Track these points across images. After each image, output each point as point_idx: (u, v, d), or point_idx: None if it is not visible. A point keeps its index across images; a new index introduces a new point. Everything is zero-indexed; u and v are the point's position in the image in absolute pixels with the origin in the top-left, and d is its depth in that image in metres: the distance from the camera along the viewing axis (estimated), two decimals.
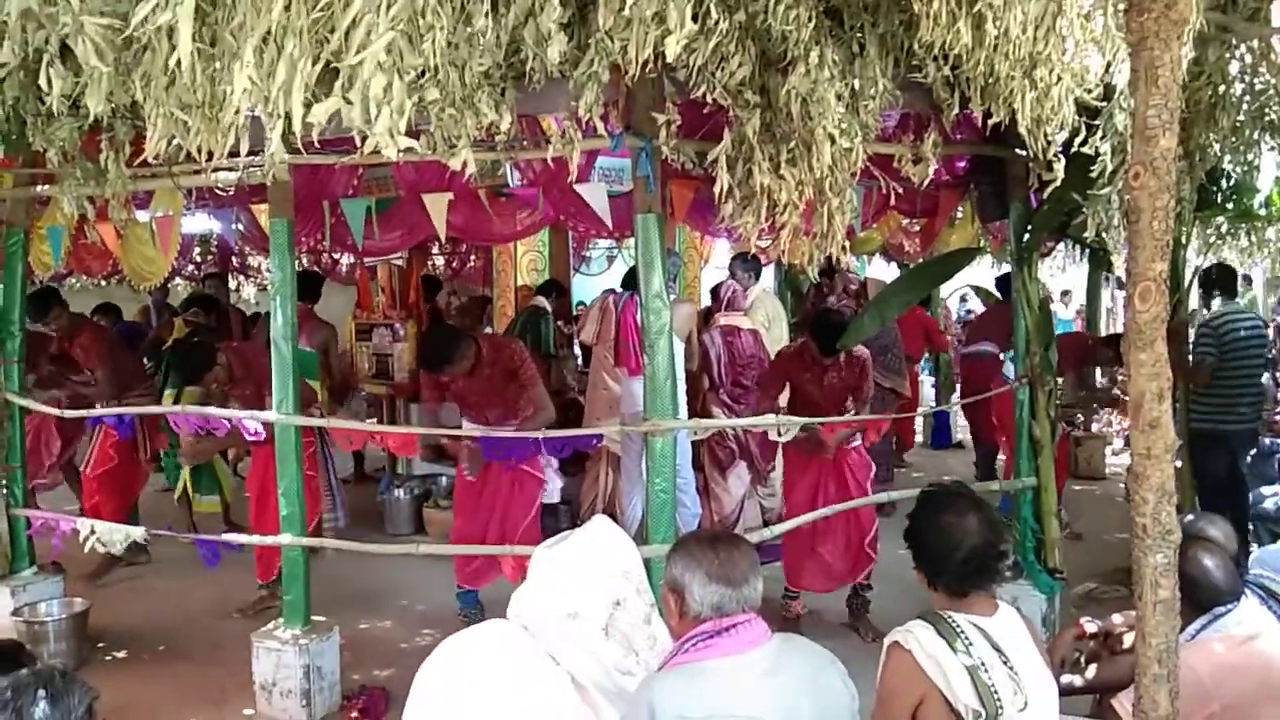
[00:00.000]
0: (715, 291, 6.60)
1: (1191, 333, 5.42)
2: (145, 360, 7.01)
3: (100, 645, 4.88)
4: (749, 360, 5.95)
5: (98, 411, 5.07)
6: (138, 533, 4.46)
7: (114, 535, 4.32)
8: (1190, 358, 5.28)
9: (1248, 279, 8.71)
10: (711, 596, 1.96)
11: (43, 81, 2.52)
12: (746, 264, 6.55)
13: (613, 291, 6.17)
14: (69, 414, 4.99)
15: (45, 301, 5.78)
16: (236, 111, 2.20)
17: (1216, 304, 5.49)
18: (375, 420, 7.43)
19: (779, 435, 5.03)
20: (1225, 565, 2.65)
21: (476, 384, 4.67)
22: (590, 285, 9.12)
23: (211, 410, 4.49)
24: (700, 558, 2.00)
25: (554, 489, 5.74)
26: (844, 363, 4.83)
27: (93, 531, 4.31)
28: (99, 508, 5.56)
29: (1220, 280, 5.48)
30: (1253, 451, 5.66)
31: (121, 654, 4.83)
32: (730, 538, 2.10)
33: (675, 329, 4.74)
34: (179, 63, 2.11)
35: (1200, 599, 2.59)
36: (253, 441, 4.75)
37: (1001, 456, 7.17)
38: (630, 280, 6.13)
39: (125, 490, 5.94)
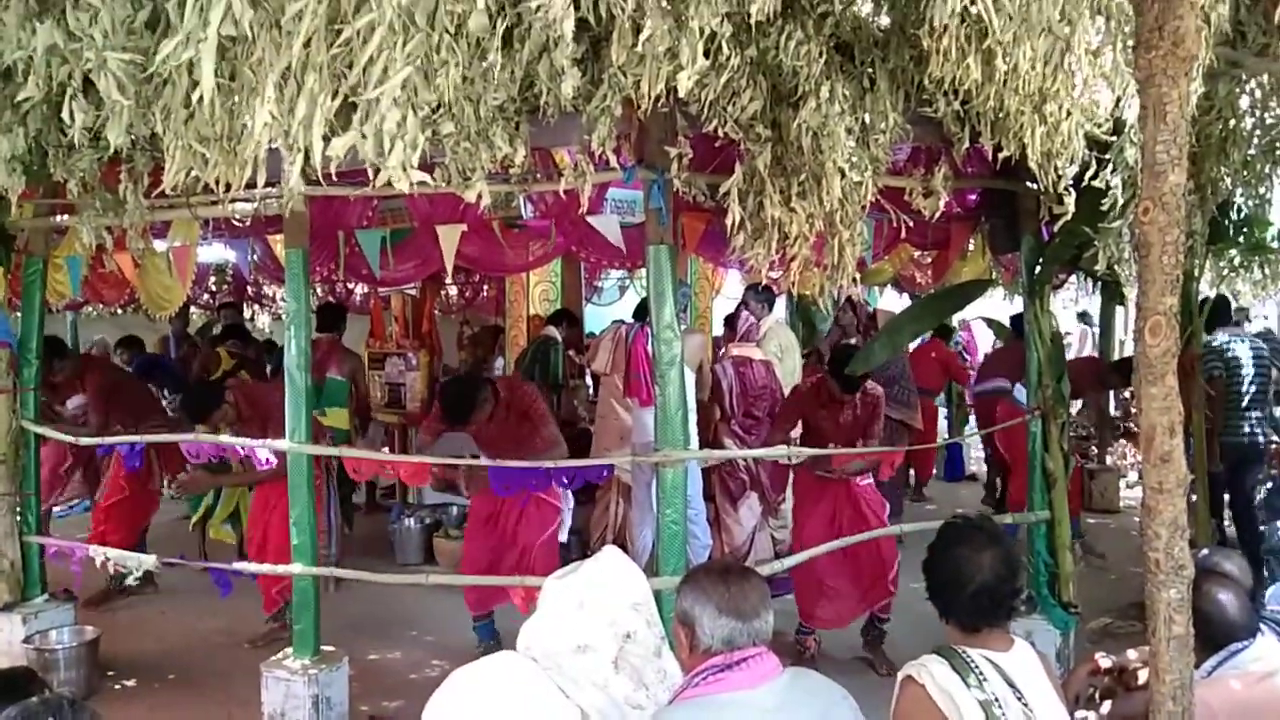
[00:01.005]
0: (730, 321, 6.60)
1: None
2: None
3: (110, 674, 4.87)
4: (761, 391, 5.95)
5: (111, 440, 5.09)
6: (150, 561, 4.47)
7: (128, 562, 4.32)
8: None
9: (1244, 311, 8.91)
10: (722, 630, 1.96)
11: (65, 114, 2.57)
12: (760, 295, 6.56)
13: (623, 322, 6.19)
14: (85, 441, 5.02)
15: (49, 353, 5.39)
16: (256, 145, 2.23)
17: (1220, 334, 5.89)
18: (388, 450, 7.45)
19: (789, 461, 5.03)
20: (1241, 601, 2.62)
21: (494, 428, 4.70)
22: (602, 315, 9.15)
23: (225, 439, 4.51)
24: (711, 590, 2.00)
25: (564, 525, 5.74)
26: (859, 401, 4.85)
27: (107, 558, 4.32)
28: (105, 537, 5.57)
29: (1216, 312, 5.80)
30: (1258, 471, 6.05)
31: (131, 683, 4.82)
32: (741, 570, 2.09)
33: (686, 359, 4.75)
34: (200, 97, 2.15)
35: (1215, 635, 2.56)
36: (261, 473, 4.76)
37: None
38: (641, 311, 6.15)
39: (133, 522, 5.95)
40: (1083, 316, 12.13)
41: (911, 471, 8.83)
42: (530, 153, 3.34)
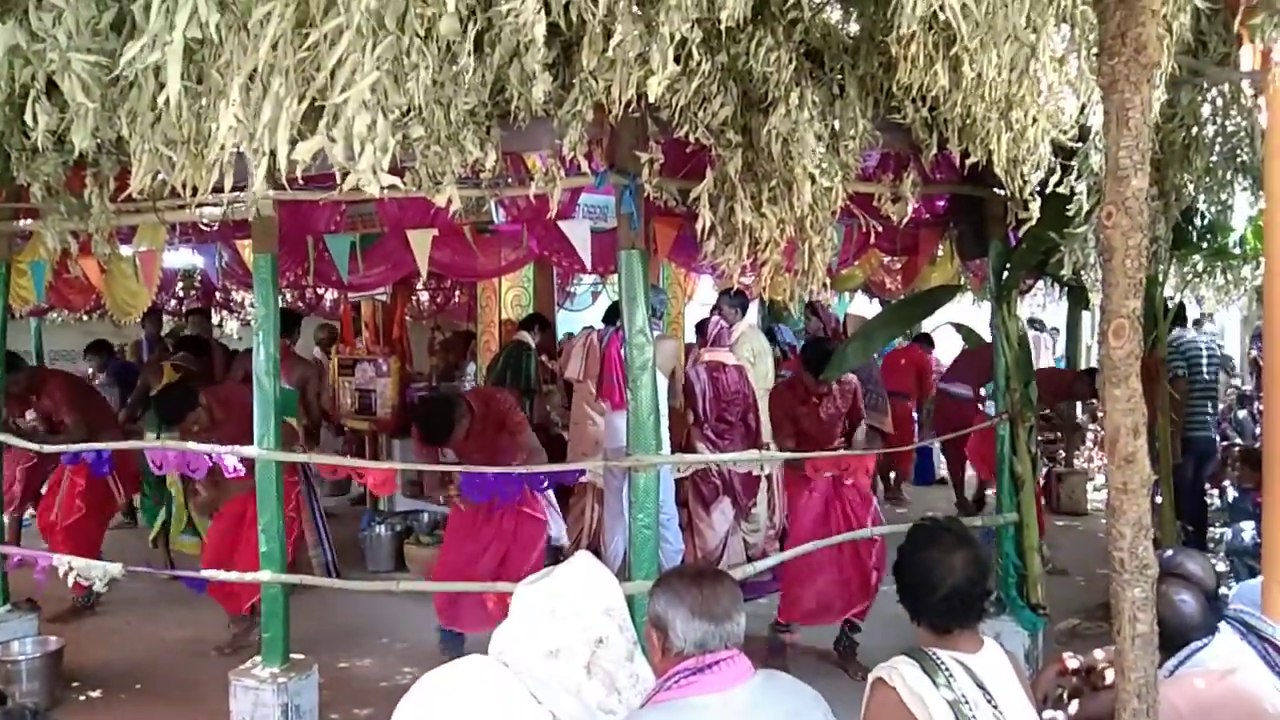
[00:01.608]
0: (700, 327, 6.62)
1: None
2: (138, 410, 6.97)
3: (75, 685, 4.79)
4: (733, 396, 5.96)
5: (78, 446, 5.02)
6: (115, 569, 4.40)
7: (91, 572, 4.26)
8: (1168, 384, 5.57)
9: (1208, 316, 9.23)
10: (694, 633, 1.96)
11: (29, 117, 2.53)
12: (733, 300, 6.57)
13: (593, 328, 6.18)
14: (49, 448, 4.94)
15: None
16: (222, 148, 2.21)
17: (1177, 330, 6.24)
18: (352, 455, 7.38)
19: (760, 470, 5.04)
20: (1199, 602, 2.66)
21: (474, 442, 4.69)
22: (575, 321, 9.13)
23: (191, 446, 4.45)
24: (683, 594, 2.00)
25: (559, 530, 5.74)
26: (837, 392, 4.90)
27: (70, 567, 4.25)
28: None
29: (1176, 318, 6.07)
30: (1213, 465, 6.65)
31: (96, 693, 4.74)
32: (714, 573, 2.10)
33: (659, 365, 4.75)
34: (166, 100, 2.13)
35: (1174, 636, 2.59)
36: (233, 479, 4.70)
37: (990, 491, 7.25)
38: (613, 315, 6.14)
39: (90, 541, 5.79)
40: (1035, 323, 12.13)
41: (893, 475, 8.91)
42: (501, 157, 3.32)
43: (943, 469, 9.97)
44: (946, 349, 11.47)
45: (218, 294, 10.11)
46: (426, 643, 5.10)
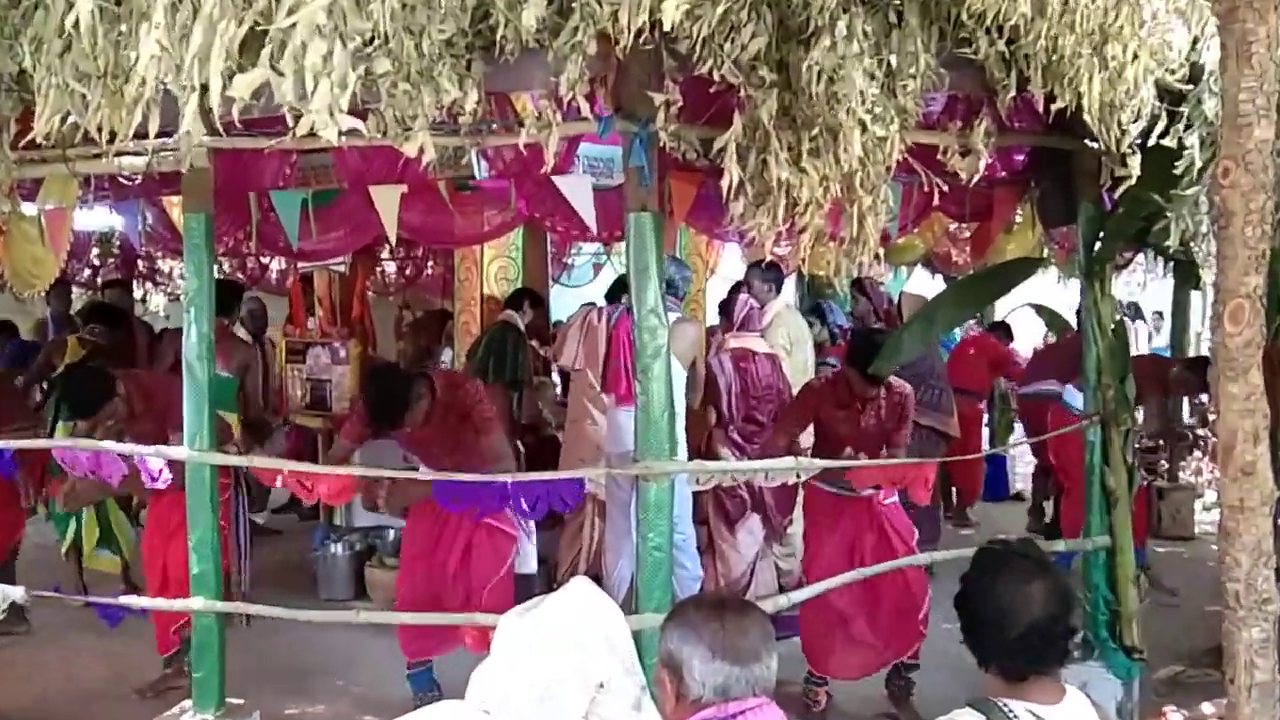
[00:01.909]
0: (725, 307, 6.60)
1: None
2: (37, 390, 6.97)
3: None
4: (765, 391, 5.95)
5: None
6: (16, 593, 4.43)
7: None
8: None
9: None
10: (714, 676, 1.96)
11: None
12: (765, 274, 6.57)
13: (593, 305, 6.18)
14: None
15: None
16: (143, 83, 2.21)
17: None
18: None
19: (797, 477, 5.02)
20: None
21: (431, 431, 4.66)
22: (572, 298, 9.16)
23: (109, 445, 4.47)
24: (702, 629, 2.00)
25: (528, 554, 5.73)
26: (884, 401, 4.85)
27: None
28: None
29: None
30: None
31: None
32: (739, 605, 2.10)
33: (677, 353, 4.76)
34: (76, 24, 2.13)
35: None
36: (152, 488, 4.71)
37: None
38: (617, 291, 6.14)
39: None
40: (1131, 308, 12.05)
41: (953, 490, 8.89)
42: (485, 98, 3.32)
43: (1019, 482, 9.97)
44: (1027, 338, 11.47)
45: (140, 263, 10.16)
46: (391, 684, 5.12)
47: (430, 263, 10.16)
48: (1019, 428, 9.49)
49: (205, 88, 2.11)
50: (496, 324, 7.13)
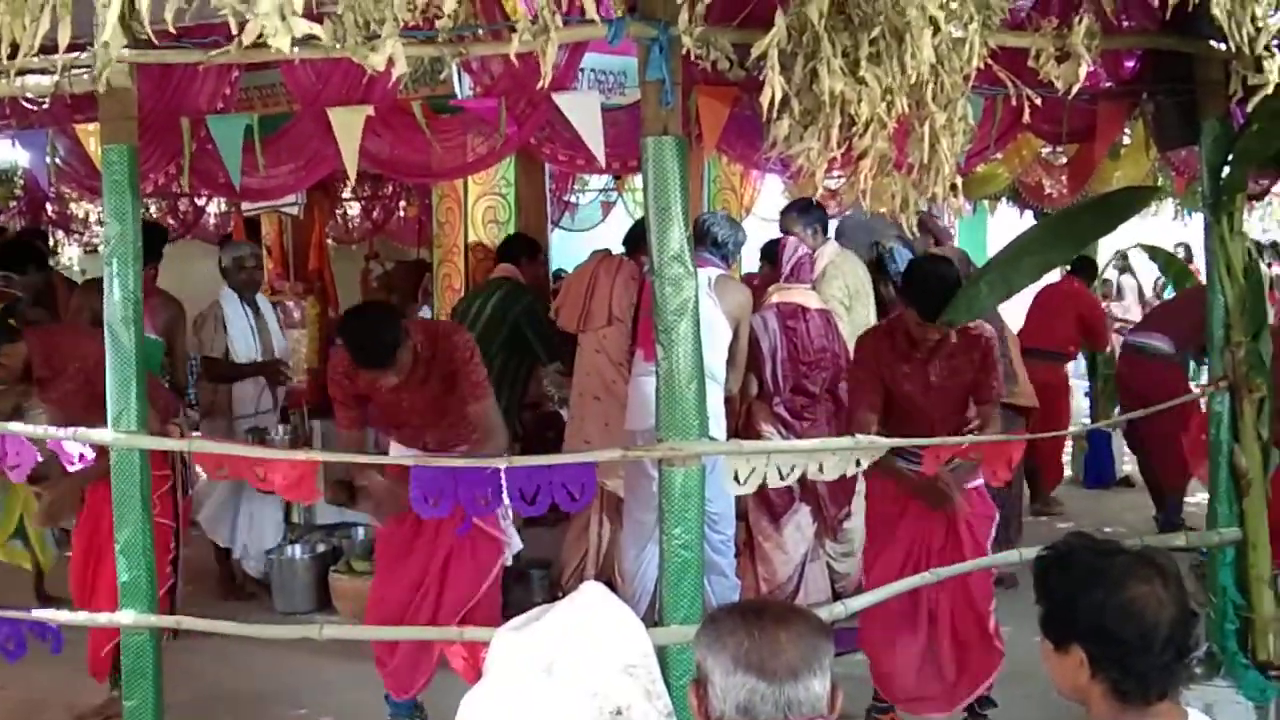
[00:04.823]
0: (769, 252, 6.50)
1: None
2: None
3: None
4: (817, 355, 5.92)
5: None
6: None
7: None
8: None
9: None
10: (736, 691, 1.97)
11: None
12: (807, 216, 6.52)
13: (605, 253, 6.17)
14: None
15: None
16: None
17: None
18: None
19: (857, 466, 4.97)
20: None
21: (410, 392, 4.64)
22: (576, 245, 9.15)
23: (13, 428, 4.49)
24: (728, 636, 2.00)
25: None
26: (956, 345, 4.74)
27: None
28: None
29: None
30: None
31: None
32: (779, 611, 2.09)
33: (727, 312, 4.73)
34: None
35: None
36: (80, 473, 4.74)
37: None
38: (637, 239, 6.13)
39: None
40: (1271, 248, 11.85)
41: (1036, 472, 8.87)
42: None
43: (1128, 464, 9.94)
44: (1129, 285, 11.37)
45: (50, 206, 10.18)
46: (360, 712, 5.17)
47: (402, 203, 10.19)
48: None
49: None
50: (497, 282, 7.02)
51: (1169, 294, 11.22)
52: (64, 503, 5.34)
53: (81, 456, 4.46)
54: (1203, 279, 5.67)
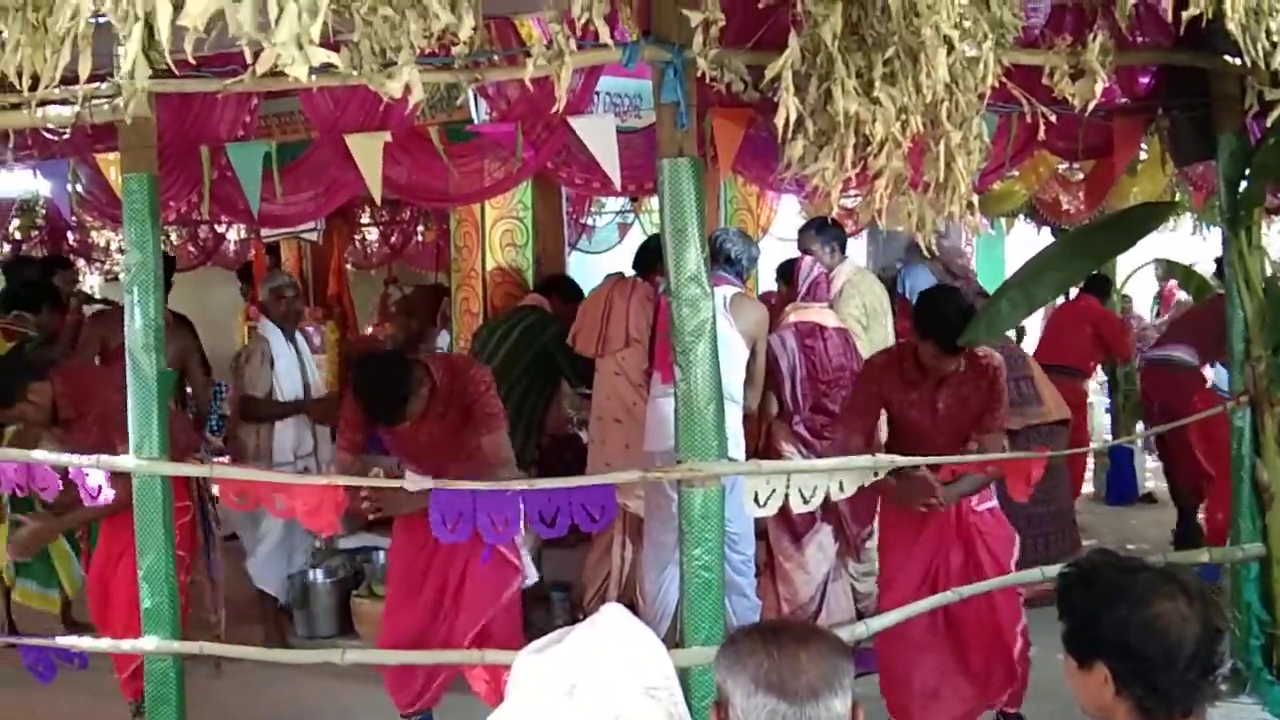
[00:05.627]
0: (786, 272, 6.52)
1: None
2: None
3: None
4: (836, 374, 5.91)
5: None
6: None
7: None
8: None
9: None
10: (758, 711, 1.95)
11: None
12: (825, 234, 6.52)
13: (619, 275, 6.17)
14: None
15: None
16: (74, 15, 2.23)
17: None
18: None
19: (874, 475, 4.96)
20: None
21: (428, 427, 4.66)
22: (593, 267, 9.15)
23: (37, 455, 4.51)
24: (748, 657, 2.00)
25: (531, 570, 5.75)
26: (964, 374, 4.75)
27: None
28: None
29: None
30: None
31: None
32: (801, 632, 2.09)
33: (743, 331, 4.72)
34: None
35: None
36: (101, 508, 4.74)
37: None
38: (648, 259, 6.14)
39: None
40: None
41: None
42: (483, 24, 3.33)
43: (1150, 480, 9.89)
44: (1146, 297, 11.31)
45: (71, 235, 10.23)
46: None
47: (420, 228, 10.20)
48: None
49: (149, 18, 2.12)
50: (524, 312, 7.00)
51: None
52: (41, 538, 5.32)
53: (99, 490, 4.47)
54: None
